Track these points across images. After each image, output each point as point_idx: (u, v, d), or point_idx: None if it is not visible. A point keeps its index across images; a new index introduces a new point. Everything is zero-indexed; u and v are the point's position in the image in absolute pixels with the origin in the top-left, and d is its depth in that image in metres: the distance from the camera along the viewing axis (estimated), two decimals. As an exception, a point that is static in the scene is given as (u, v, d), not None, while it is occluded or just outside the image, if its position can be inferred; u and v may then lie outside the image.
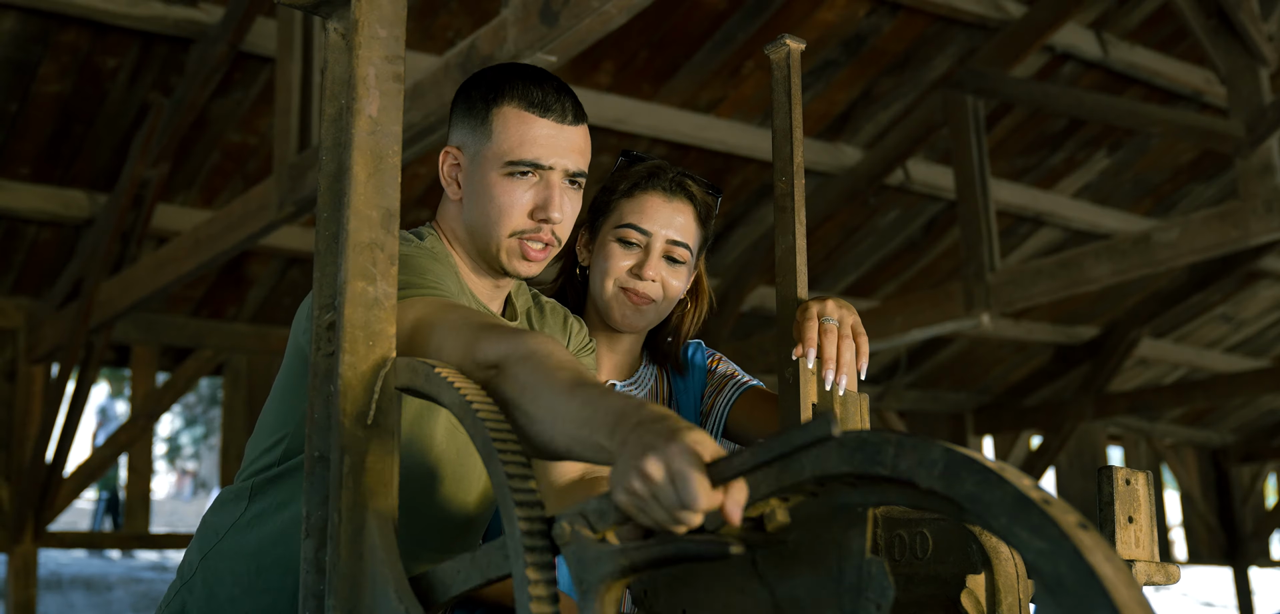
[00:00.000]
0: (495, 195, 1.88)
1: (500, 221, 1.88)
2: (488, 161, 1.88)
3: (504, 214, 1.88)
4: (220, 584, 1.89)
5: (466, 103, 1.93)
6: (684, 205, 2.29)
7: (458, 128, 1.95)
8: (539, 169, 1.88)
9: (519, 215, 1.88)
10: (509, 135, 1.87)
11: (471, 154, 1.91)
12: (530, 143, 1.87)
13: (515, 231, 1.89)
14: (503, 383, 1.38)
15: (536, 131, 1.87)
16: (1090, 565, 0.87)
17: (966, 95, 6.37)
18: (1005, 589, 1.31)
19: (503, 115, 1.88)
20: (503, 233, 1.89)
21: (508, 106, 1.88)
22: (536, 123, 1.88)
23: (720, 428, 2.34)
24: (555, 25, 3.05)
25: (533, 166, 1.87)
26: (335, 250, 1.37)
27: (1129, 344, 9.83)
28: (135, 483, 7.91)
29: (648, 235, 2.26)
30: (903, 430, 2.63)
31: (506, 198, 1.88)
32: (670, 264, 2.28)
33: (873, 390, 9.85)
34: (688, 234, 2.29)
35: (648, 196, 2.28)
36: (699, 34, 5.91)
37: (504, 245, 1.89)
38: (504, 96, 1.89)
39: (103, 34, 5.33)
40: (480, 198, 1.89)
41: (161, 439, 26.58)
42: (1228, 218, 5.29)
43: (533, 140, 1.87)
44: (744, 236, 7.65)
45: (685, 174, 2.31)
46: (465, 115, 1.93)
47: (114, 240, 5.88)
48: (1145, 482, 1.48)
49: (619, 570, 1.13)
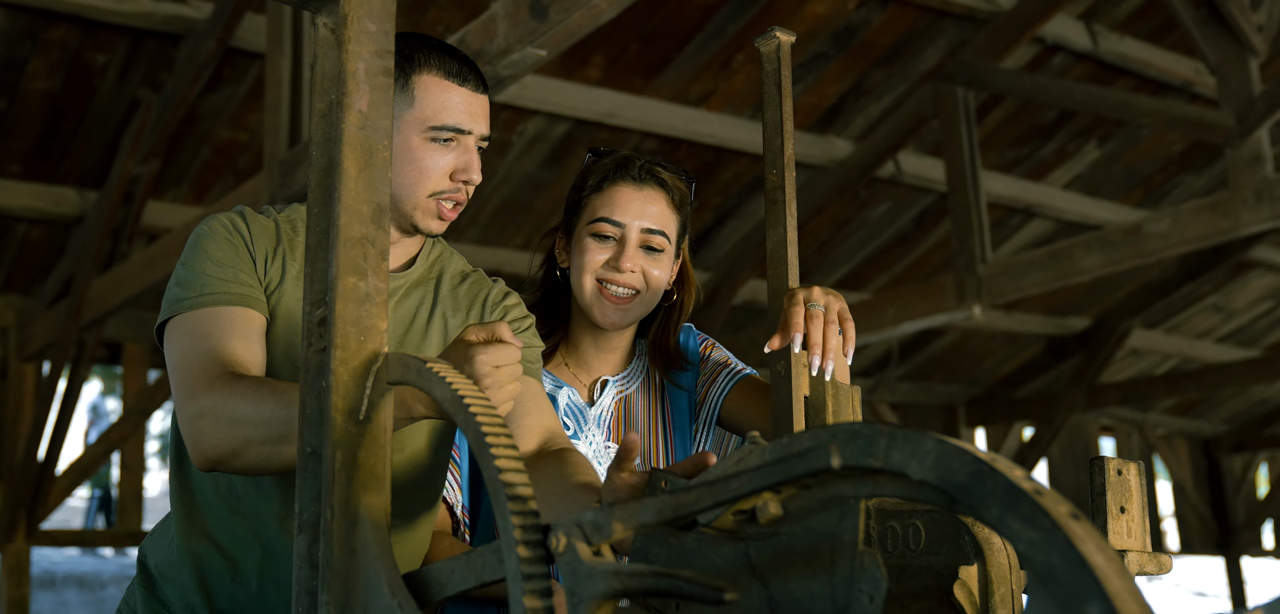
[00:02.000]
0: (418, 158, 1.96)
1: (421, 183, 1.97)
2: (409, 126, 1.96)
3: (425, 176, 1.96)
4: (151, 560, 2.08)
5: None
6: (656, 193, 2.27)
7: None
8: (459, 134, 1.97)
9: (439, 177, 1.97)
10: (431, 102, 1.95)
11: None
12: (451, 109, 1.96)
13: (435, 193, 1.98)
14: None
15: (455, 99, 1.97)
16: (1082, 556, 0.87)
17: (957, 87, 6.38)
18: (998, 580, 1.31)
19: (423, 83, 1.96)
20: (422, 194, 1.97)
21: (428, 75, 1.96)
22: (455, 90, 1.97)
23: (714, 418, 2.34)
24: (545, 19, 3.05)
25: (455, 132, 1.96)
26: (326, 246, 1.37)
27: (1120, 335, 9.85)
28: (128, 480, 7.90)
29: (621, 227, 2.24)
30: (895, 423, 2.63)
31: (429, 160, 1.96)
32: (648, 253, 2.25)
33: (865, 383, 9.87)
34: (663, 222, 2.26)
35: (618, 188, 2.26)
36: (689, 27, 5.91)
37: (422, 205, 1.98)
38: (423, 66, 1.97)
39: (92, 30, 5.32)
40: (399, 161, 1.97)
41: (154, 437, 26.54)
42: (1218, 208, 5.30)
43: (453, 107, 1.96)
44: (735, 230, 7.65)
45: (655, 162, 2.30)
46: None
47: (104, 237, 5.86)
48: (1137, 472, 1.48)
49: (613, 591, 1.13)
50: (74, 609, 10.28)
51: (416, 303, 2.08)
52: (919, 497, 1.06)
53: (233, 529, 1.98)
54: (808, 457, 1.03)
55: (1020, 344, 10.41)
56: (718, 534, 1.26)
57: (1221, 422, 12.81)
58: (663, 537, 1.37)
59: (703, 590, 1.09)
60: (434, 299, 2.10)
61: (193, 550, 2.00)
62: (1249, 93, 5.18)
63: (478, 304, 2.14)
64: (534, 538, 1.17)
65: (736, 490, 1.09)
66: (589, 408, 2.31)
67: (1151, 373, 11.17)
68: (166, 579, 2.04)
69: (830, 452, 1.01)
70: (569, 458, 1.89)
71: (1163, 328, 10.44)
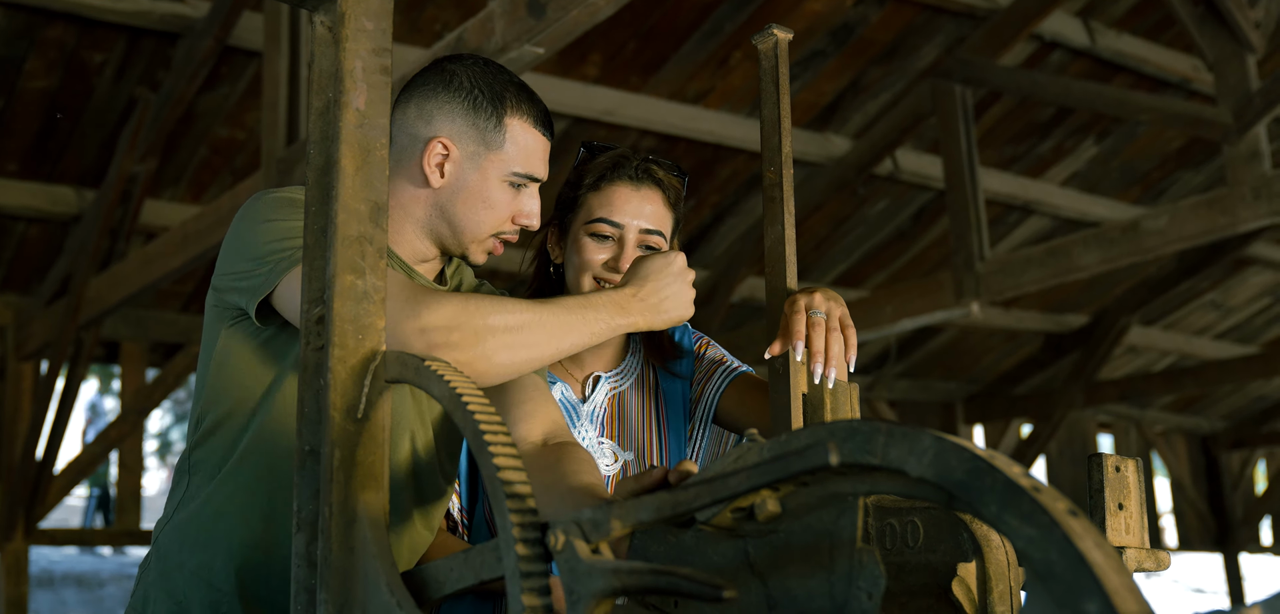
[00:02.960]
0: (493, 200, 1.98)
1: (488, 222, 1.99)
2: (492, 166, 1.97)
3: (496, 216, 1.99)
4: (168, 557, 1.98)
5: (469, 101, 1.98)
6: (652, 192, 2.27)
7: (454, 120, 1.98)
8: (533, 181, 2.01)
9: (506, 220, 2.00)
10: (520, 149, 1.98)
11: (470, 153, 1.97)
12: (536, 159, 2.00)
13: (497, 232, 2.01)
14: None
15: (540, 148, 2.01)
16: (1080, 552, 0.87)
17: (955, 84, 6.38)
18: (996, 577, 1.31)
19: (515, 127, 1.98)
20: (486, 231, 1.99)
21: (519, 120, 1.98)
22: (541, 141, 2.01)
23: (710, 415, 2.33)
24: (542, 17, 3.05)
25: (531, 180, 2.00)
26: (324, 244, 1.37)
27: (1118, 332, 9.85)
28: (126, 479, 7.90)
29: (619, 227, 2.24)
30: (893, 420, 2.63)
31: (503, 204, 1.99)
32: (644, 252, 2.25)
33: (863, 380, 9.87)
34: (659, 221, 2.27)
35: (615, 188, 2.26)
36: (687, 25, 5.91)
37: (482, 242, 2.01)
38: (515, 110, 1.98)
39: (89, 29, 5.31)
40: (474, 197, 1.97)
41: (152, 435, 26.55)
42: (1216, 205, 5.30)
43: (537, 155, 2.00)
44: (733, 228, 7.65)
45: (650, 160, 2.30)
46: (470, 112, 1.97)
47: (102, 236, 5.86)
48: (1135, 469, 1.48)
49: (611, 589, 1.13)
50: (72, 608, 10.28)
51: None
52: (917, 494, 1.06)
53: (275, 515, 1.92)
54: (806, 454, 1.03)
55: (1018, 341, 10.42)
56: (716, 532, 1.26)
57: (1219, 418, 12.81)
58: (661, 534, 1.38)
59: (701, 588, 1.09)
60: None
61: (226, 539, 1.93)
62: (1246, 89, 5.18)
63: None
64: (532, 536, 1.17)
65: (735, 488, 1.09)
66: (582, 404, 2.31)
67: (1149, 370, 11.17)
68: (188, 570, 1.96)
69: (828, 449, 1.01)
70: (572, 453, 1.88)
71: (1161, 325, 10.45)
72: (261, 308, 1.86)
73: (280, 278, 1.82)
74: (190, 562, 1.95)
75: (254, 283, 1.85)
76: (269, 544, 1.93)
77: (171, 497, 2.05)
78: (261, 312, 1.87)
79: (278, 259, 1.83)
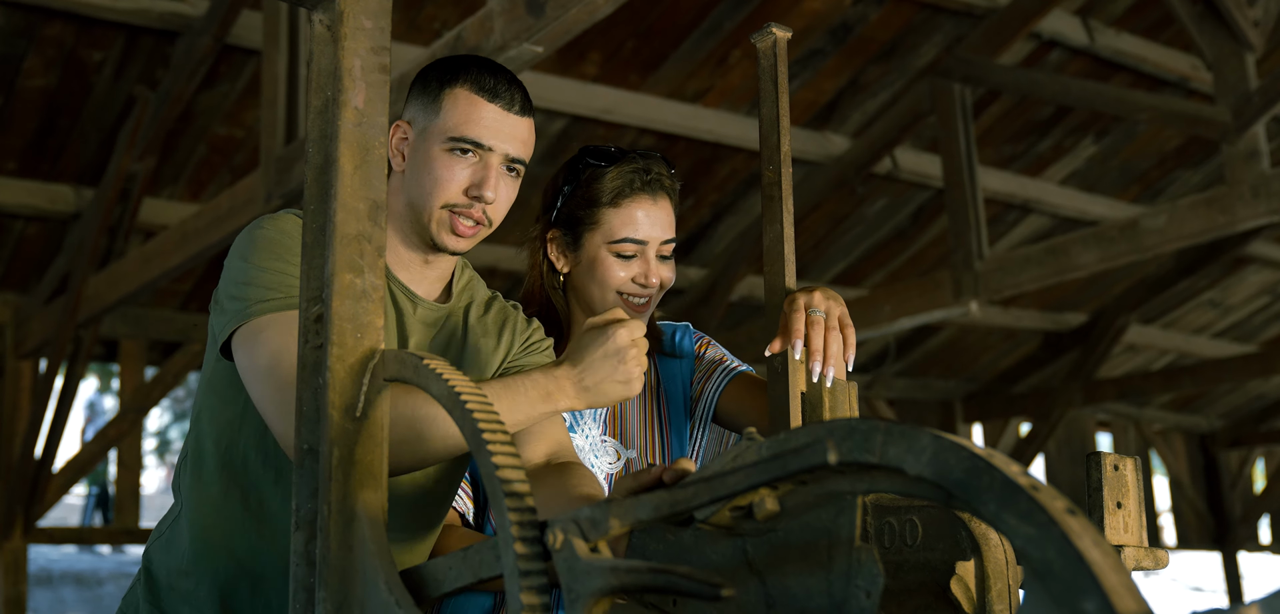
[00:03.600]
0: (434, 168, 1.94)
1: (435, 193, 1.94)
2: (432, 136, 1.95)
3: (439, 186, 1.94)
4: (159, 571, 2.00)
5: (422, 82, 2.00)
6: (666, 202, 2.31)
7: (411, 104, 2.01)
8: (479, 148, 1.94)
9: (454, 189, 1.94)
10: (456, 113, 1.94)
11: (419, 129, 1.97)
12: (474, 123, 1.93)
13: (448, 205, 1.94)
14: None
15: (481, 113, 1.94)
16: (1078, 551, 0.87)
17: (954, 83, 6.38)
18: (994, 575, 1.31)
19: (453, 95, 1.95)
20: (435, 204, 1.94)
21: (459, 88, 1.95)
22: (483, 106, 1.94)
23: (710, 414, 2.34)
24: (541, 16, 3.04)
25: (474, 145, 1.94)
26: (322, 243, 1.37)
27: (1117, 330, 9.85)
28: (125, 478, 7.89)
29: (644, 244, 2.28)
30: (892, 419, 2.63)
31: (445, 171, 1.94)
32: (662, 261, 2.31)
33: (862, 379, 9.87)
34: (672, 228, 2.32)
35: (636, 204, 2.28)
36: (686, 23, 5.91)
37: (435, 216, 1.95)
38: (458, 79, 1.96)
39: (88, 27, 5.31)
40: (421, 170, 1.95)
41: (150, 434, 26.55)
42: (1214, 204, 5.30)
43: (477, 120, 1.94)
44: (732, 226, 7.65)
45: (656, 165, 2.31)
46: (420, 93, 2.00)
47: (101, 235, 5.86)
48: (1134, 467, 1.48)
49: (609, 588, 1.13)
50: (71, 607, 10.28)
51: (449, 334, 2.07)
52: (916, 492, 1.06)
53: (258, 543, 1.92)
54: (804, 453, 1.03)
55: (1017, 340, 10.42)
56: (715, 530, 1.26)
57: (1218, 417, 12.82)
58: (659, 533, 1.38)
59: (700, 587, 1.09)
60: (464, 328, 2.09)
61: (211, 564, 1.94)
62: (1245, 88, 5.18)
63: (509, 329, 2.13)
64: (531, 534, 1.17)
65: (733, 486, 1.09)
66: None
67: (1148, 368, 11.18)
68: (177, 592, 1.97)
69: (827, 447, 1.01)
70: (574, 471, 1.88)
71: (1159, 323, 10.45)
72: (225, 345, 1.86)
73: (238, 325, 1.81)
74: (180, 584, 1.97)
75: (223, 320, 1.85)
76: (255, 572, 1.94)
77: (166, 514, 2.08)
78: (225, 348, 1.86)
79: (242, 305, 1.82)
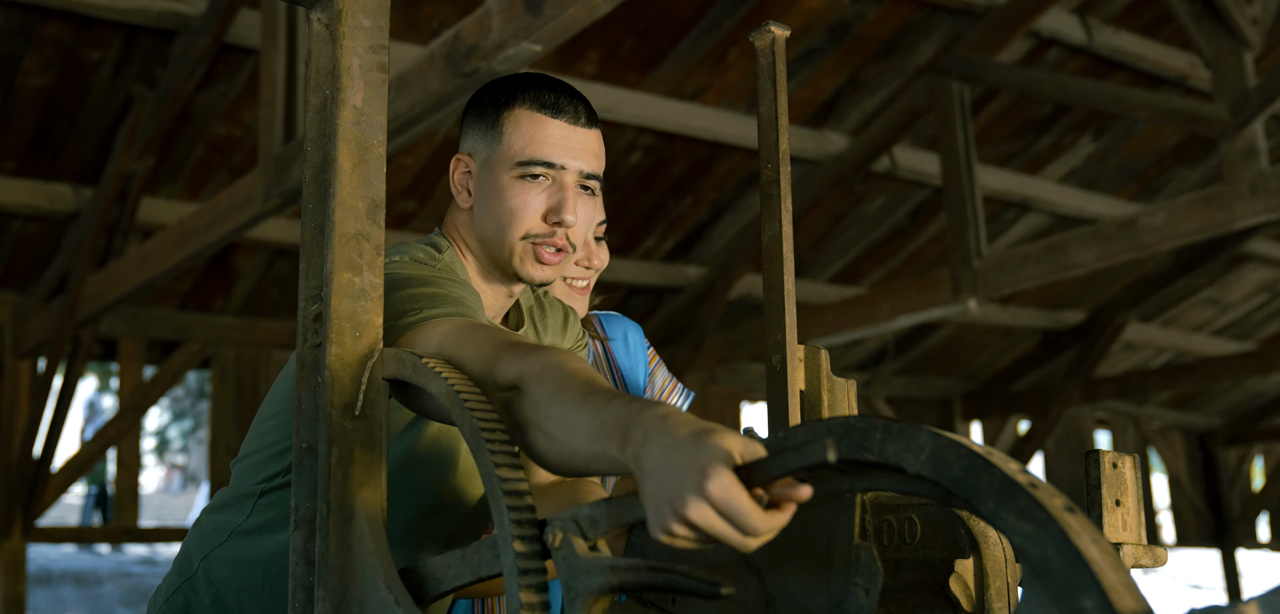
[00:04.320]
0: (507, 198, 1.83)
1: (512, 225, 1.83)
2: (499, 165, 1.84)
3: (516, 217, 1.83)
4: (226, 588, 1.86)
5: (478, 109, 1.90)
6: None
7: (469, 134, 1.91)
8: (551, 169, 1.84)
9: (531, 218, 1.83)
10: (520, 136, 1.83)
11: (483, 159, 1.87)
12: (541, 142, 1.83)
13: (528, 235, 1.83)
14: (521, 402, 1.35)
15: (548, 132, 1.84)
16: (1077, 548, 0.87)
17: (952, 81, 6.38)
18: (993, 573, 1.31)
19: (514, 117, 1.84)
20: (515, 236, 1.83)
21: (519, 109, 1.85)
22: (548, 123, 1.84)
23: None
24: (540, 15, 3.04)
25: (545, 167, 1.83)
26: (321, 242, 1.37)
27: (1116, 328, 9.86)
28: (124, 477, 7.89)
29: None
30: (891, 417, 2.63)
31: (519, 200, 1.83)
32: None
33: (860, 377, 9.87)
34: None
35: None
36: (684, 22, 5.90)
37: (516, 249, 1.84)
38: (516, 100, 1.85)
39: (86, 26, 5.31)
40: (492, 202, 1.84)
41: (149, 433, 26.52)
42: (1213, 202, 5.30)
43: (544, 140, 1.83)
44: (730, 225, 7.65)
45: None
46: (477, 121, 1.90)
47: (100, 234, 5.86)
48: (1132, 465, 1.48)
49: (609, 586, 1.13)
50: (70, 606, 10.27)
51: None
52: (915, 490, 1.06)
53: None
54: (803, 451, 1.03)
55: (1016, 338, 10.42)
56: (714, 528, 1.26)
57: (1217, 414, 12.82)
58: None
59: (699, 584, 1.09)
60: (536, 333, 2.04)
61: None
62: (1244, 86, 5.18)
63: (559, 325, 2.08)
64: (530, 533, 1.18)
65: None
66: None
67: (1147, 366, 11.18)
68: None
69: (826, 446, 1.01)
70: (584, 485, 1.87)
71: (1158, 321, 10.45)
72: None
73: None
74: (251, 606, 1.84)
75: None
76: None
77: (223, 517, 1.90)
78: None
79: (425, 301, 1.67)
